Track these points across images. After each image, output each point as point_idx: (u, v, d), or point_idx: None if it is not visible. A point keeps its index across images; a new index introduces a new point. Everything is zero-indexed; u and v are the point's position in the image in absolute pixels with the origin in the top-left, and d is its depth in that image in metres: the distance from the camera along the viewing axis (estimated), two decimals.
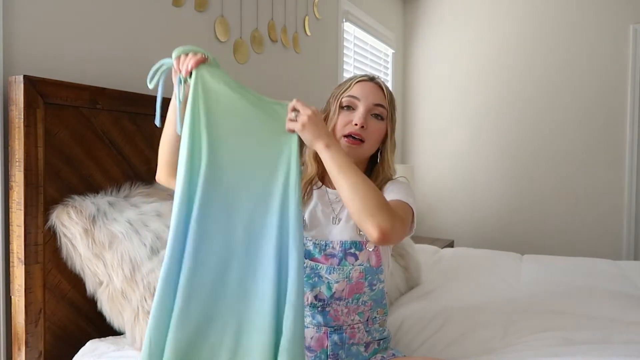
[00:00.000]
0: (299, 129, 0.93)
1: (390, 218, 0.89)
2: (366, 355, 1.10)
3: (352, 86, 1.12)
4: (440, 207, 3.80)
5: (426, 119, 3.86)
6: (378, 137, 1.11)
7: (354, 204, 0.90)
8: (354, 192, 0.90)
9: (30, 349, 1.16)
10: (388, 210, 0.91)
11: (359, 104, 1.09)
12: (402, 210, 1.00)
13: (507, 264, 2.21)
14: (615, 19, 3.18)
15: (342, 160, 0.93)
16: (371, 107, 1.09)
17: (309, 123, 0.93)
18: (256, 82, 2.14)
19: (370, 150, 1.12)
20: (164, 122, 1.03)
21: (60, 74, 1.31)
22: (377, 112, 1.10)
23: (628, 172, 3.17)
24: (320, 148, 0.94)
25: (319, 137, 0.94)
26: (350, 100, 1.10)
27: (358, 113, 1.08)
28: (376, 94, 1.10)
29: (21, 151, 1.14)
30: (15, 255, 1.16)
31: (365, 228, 0.90)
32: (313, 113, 0.94)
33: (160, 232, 1.25)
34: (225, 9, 1.93)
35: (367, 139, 1.08)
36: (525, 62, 3.45)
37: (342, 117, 1.09)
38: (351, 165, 0.93)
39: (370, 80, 1.13)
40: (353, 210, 0.91)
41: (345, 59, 2.98)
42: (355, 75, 1.16)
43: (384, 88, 1.13)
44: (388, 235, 0.88)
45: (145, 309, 1.13)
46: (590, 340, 1.28)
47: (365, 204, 0.89)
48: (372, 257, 1.08)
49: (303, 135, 0.94)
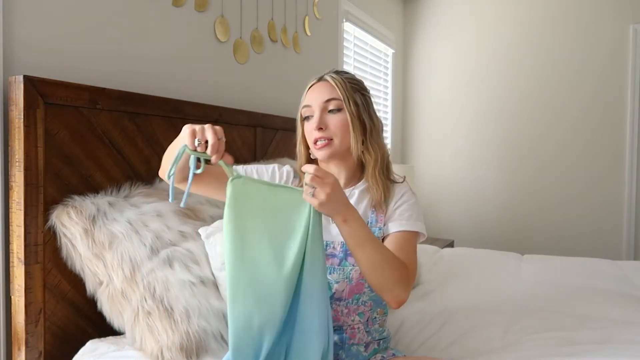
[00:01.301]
0: (317, 205, 0.88)
1: (406, 286, 0.97)
2: (366, 355, 1.10)
3: (305, 96, 1.13)
4: (440, 207, 3.80)
5: (426, 119, 3.86)
6: (342, 129, 1.09)
7: (371, 279, 0.95)
8: (372, 269, 0.94)
9: (30, 349, 1.16)
10: (405, 280, 0.97)
11: (314, 109, 1.09)
12: (412, 251, 1.05)
13: (507, 264, 2.21)
14: (615, 19, 3.18)
15: (359, 233, 0.93)
16: (323, 105, 1.09)
17: (327, 201, 0.88)
18: (256, 82, 2.14)
19: (344, 142, 1.09)
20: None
21: (60, 74, 1.31)
22: (331, 107, 1.09)
23: (628, 172, 3.17)
24: (338, 222, 0.92)
25: (338, 212, 0.91)
26: (306, 110, 1.11)
27: (314, 117, 1.08)
28: (324, 91, 1.09)
29: (21, 151, 1.14)
30: (15, 255, 1.16)
31: (383, 297, 0.98)
32: (331, 189, 0.88)
33: (160, 232, 1.25)
34: (225, 9, 1.93)
35: (333, 136, 1.08)
36: (525, 61, 3.45)
37: (306, 127, 1.12)
38: (369, 237, 0.94)
39: (319, 80, 1.13)
40: (372, 283, 0.96)
41: (345, 59, 2.98)
42: (309, 82, 1.16)
43: (331, 79, 1.10)
44: (403, 302, 0.98)
45: (145, 309, 1.13)
46: (590, 340, 1.28)
47: (383, 279, 0.95)
48: None
49: (321, 210, 0.89)
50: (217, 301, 1.19)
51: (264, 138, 2.02)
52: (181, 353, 1.07)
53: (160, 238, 1.23)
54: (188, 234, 1.28)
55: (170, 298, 1.14)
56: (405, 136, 3.96)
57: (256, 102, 2.13)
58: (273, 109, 2.23)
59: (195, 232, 1.29)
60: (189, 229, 1.29)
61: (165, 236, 1.24)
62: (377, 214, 1.10)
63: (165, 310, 1.12)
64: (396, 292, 0.95)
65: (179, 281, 1.17)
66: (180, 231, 1.28)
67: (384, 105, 3.63)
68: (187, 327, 1.10)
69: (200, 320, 1.12)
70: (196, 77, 1.80)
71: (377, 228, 1.09)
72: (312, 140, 1.09)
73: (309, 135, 1.11)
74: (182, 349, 1.08)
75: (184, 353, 1.07)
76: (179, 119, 1.58)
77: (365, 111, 1.11)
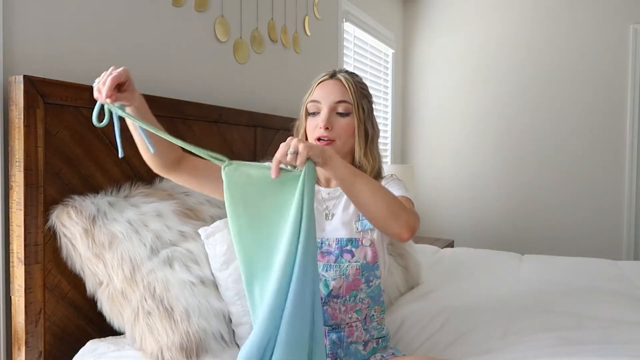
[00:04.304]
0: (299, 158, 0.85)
1: (413, 216, 0.94)
2: (365, 354, 1.10)
3: (314, 90, 1.13)
4: (440, 207, 3.80)
5: (426, 119, 3.86)
6: (347, 133, 1.10)
7: (378, 207, 0.90)
8: (377, 196, 0.90)
9: (30, 349, 1.16)
10: (409, 209, 0.94)
11: (322, 106, 1.09)
12: (410, 205, 1.04)
13: (507, 264, 2.21)
14: (615, 19, 3.18)
15: (350, 169, 0.92)
16: (333, 106, 1.09)
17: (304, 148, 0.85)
18: (256, 82, 2.14)
19: (346, 145, 1.11)
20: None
21: (60, 74, 1.31)
22: (341, 110, 1.10)
23: (628, 171, 3.17)
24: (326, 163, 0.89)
25: (320, 154, 0.87)
26: (313, 105, 1.11)
27: (322, 116, 1.08)
28: (337, 91, 1.10)
29: (21, 151, 1.14)
30: (15, 255, 1.16)
31: (392, 229, 0.91)
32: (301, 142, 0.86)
33: (160, 232, 1.25)
34: (225, 9, 1.93)
35: (337, 138, 1.09)
36: (524, 61, 3.45)
37: (310, 122, 1.12)
38: (360, 172, 0.93)
39: (331, 77, 1.13)
40: (378, 214, 0.91)
41: (345, 59, 2.98)
42: (319, 76, 1.15)
43: (345, 81, 1.11)
44: (414, 231, 0.92)
45: (145, 309, 1.13)
46: (590, 340, 1.28)
47: (389, 206, 0.91)
48: (368, 253, 1.08)
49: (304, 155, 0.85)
50: (217, 301, 1.19)
51: (264, 138, 2.02)
52: (181, 353, 1.07)
53: (160, 238, 1.23)
54: (188, 234, 1.28)
55: (170, 298, 1.14)
56: (405, 136, 3.96)
57: (256, 102, 2.13)
58: (273, 109, 2.23)
59: (195, 232, 1.29)
60: (189, 229, 1.29)
61: (165, 236, 1.24)
62: None
63: (165, 310, 1.12)
64: (404, 218, 0.91)
65: (179, 281, 1.17)
66: (180, 231, 1.28)
67: (384, 105, 3.63)
68: (187, 327, 1.10)
69: (200, 320, 1.12)
70: (196, 77, 1.80)
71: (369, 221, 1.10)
72: (315, 136, 1.09)
73: (312, 131, 1.11)
74: (182, 349, 1.08)
75: (184, 353, 1.08)
76: (179, 119, 1.58)
77: (369, 119, 1.14)
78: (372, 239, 1.09)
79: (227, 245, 1.22)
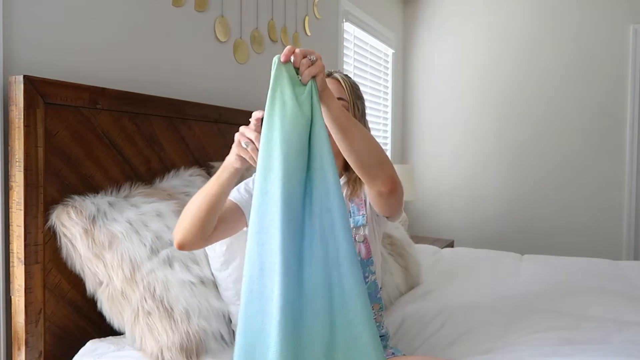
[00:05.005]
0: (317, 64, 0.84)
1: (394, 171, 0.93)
2: None
3: None
4: (440, 207, 3.80)
5: (426, 119, 3.86)
6: None
7: (370, 154, 0.89)
8: (370, 144, 0.89)
9: (30, 349, 1.16)
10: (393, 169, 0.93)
11: None
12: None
13: (507, 264, 2.21)
14: (615, 19, 3.18)
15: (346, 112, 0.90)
16: None
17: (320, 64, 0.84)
18: (256, 82, 2.14)
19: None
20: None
21: (60, 74, 1.31)
22: None
23: (628, 171, 3.17)
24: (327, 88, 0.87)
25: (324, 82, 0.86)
26: None
27: None
28: (334, 89, 1.11)
29: (21, 151, 1.14)
30: (15, 255, 1.16)
31: (378, 177, 0.90)
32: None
33: (160, 232, 1.25)
34: (225, 9, 1.93)
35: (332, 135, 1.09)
36: (525, 62, 3.45)
37: None
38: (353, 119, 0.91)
39: (328, 76, 1.13)
40: (368, 161, 0.89)
41: (345, 59, 2.98)
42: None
43: (342, 79, 1.13)
44: (397, 185, 0.91)
45: (145, 309, 1.13)
46: (590, 340, 1.28)
47: (380, 154, 0.90)
48: (361, 249, 1.08)
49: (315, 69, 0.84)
50: (217, 301, 1.19)
51: None
52: (181, 353, 1.08)
53: (160, 238, 1.23)
54: None
55: (170, 298, 1.14)
56: (405, 136, 3.96)
57: (256, 102, 2.13)
58: None
59: None
60: None
61: (165, 236, 1.25)
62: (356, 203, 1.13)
63: (165, 310, 1.12)
64: (389, 169, 0.91)
65: (179, 281, 1.17)
66: None
67: (384, 106, 3.63)
68: (187, 327, 1.10)
69: (200, 321, 1.13)
70: (196, 77, 1.81)
71: (360, 216, 1.10)
72: None
73: None
74: (182, 349, 1.08)
75: (184, 353, 1.08)
76: (179, 119, 1.58)
77: (363, 119, 1.15)
78: (364, 234, 1.09)
79: (227, 245, 1.22)
